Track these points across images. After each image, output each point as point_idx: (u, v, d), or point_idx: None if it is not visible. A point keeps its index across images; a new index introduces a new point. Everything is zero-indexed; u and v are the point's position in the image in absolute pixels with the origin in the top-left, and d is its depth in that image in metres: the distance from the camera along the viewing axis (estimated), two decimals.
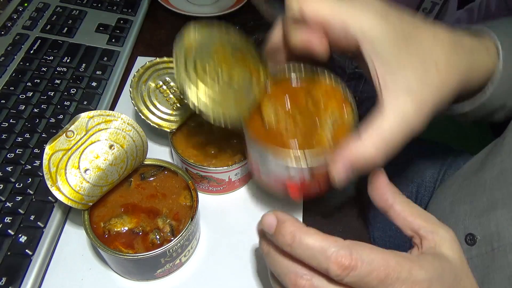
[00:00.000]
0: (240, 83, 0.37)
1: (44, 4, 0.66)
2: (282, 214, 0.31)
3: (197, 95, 0.34)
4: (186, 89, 0.34)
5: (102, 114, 0.40)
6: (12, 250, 0.40)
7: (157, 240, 0.39)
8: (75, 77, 0.56)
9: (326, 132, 0.36)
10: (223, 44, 0.38)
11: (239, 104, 0.36)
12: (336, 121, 0.36)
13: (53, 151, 0.37)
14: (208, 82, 0.35)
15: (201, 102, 0.34)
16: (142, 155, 0.42)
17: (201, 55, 0.37)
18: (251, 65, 0.39)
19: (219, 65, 0.37)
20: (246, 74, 0.38)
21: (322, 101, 0.37)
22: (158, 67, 0.49)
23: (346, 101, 0.37)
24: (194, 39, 0.37)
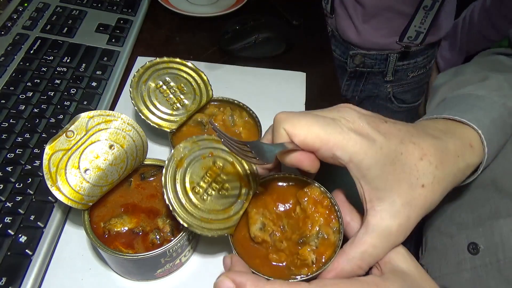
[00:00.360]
0: (229, 196, 0.39)
1: (44, 4, 0.66)
2: (239, 275, 0.31)
3: (186, 216, 0.36)
4: (174, 208, 0.35)
5: (102, 114, 0.40)
6: (12, 250, 0.40)
7: (157, 240, 0.39)
8: (75, 77, 0.56)
9: (311, 248, 0.37)
10: (214, 159, 0.40)
11: (225, 219, 0.37)
12: (322, 237, 0.37)
13: (53, 151, 0.37)
14: (196, 202, 0.37)
15: (189, 223, 0.36)
16: (142, 155, 0.42)
17: (191, 171, 0.38)
18: (241, 177, 0.40)
19: (207, 181, 0.38)
20: (235, 186, 0.39)
21: (310, 213, 0.38)
22: (158, 67, 0.49)
23: (333, 214, 0.38)
24: (185, 155, 0.39)
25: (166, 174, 0.37)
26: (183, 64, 0.50)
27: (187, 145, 0.40)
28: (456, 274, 0.45)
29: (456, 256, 0.46)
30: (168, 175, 0.37)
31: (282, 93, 0.61)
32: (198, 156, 0.39)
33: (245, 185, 0.40)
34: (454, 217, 0.49)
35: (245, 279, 0.30)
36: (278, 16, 0.75)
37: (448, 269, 0.46)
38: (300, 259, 0.36)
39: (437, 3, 0.83)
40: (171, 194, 0.36)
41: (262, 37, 0.65)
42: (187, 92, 0.49)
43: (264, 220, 0.39)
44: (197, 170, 0.39)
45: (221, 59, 0.65)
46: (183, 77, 0.50)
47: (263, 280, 0.30)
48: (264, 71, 0.64)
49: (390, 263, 0.34)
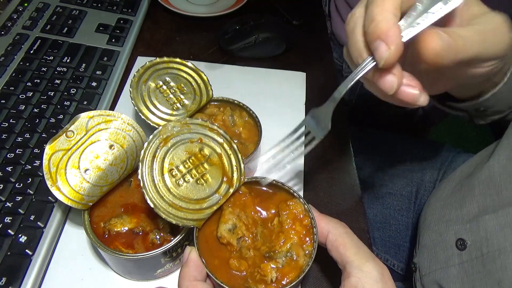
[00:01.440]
0: (205, 189, 0.37)
1: (44, 4, 0.66)
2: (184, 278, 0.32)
3: (154, 195, 0.35)
4: (145, 185, 0.34)
5: (102, 114, 0.40)
6: (12, 250, 0.40)
7: (157, 240, 0.39)
8: (75, 77, 0.56)
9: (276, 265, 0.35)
10: (202, 146, 0.38)
11: (196, 210, 0.36)
12: (291, 256, 0.36)
13: (53, 151, 0.37)
14: (171, 183, 0.36)
15: (155, 203, 0.34)
16: None
17: (174, 153, 0.37)
18: (225, 171, 0.39)
19: (188, 167, 0.37)
20: (216, 179, 0.38)
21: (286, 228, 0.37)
22: (158, 67, 0.49)
23: (310, 236, 0.37)
24: (172, 135, 0.37)
25: (146, 148, 0.36)
26: (183, 64, 0.50)
27: (177, 125, 0.38)
28: (444, 270, 0.46)
29: (445, 252, 0.47)
30: (148, 150, 0.36)
31: (282, 93, 0.61)
32: (185, 139, 0.38)
33: (228, 181, 0.38)
34: (444, 214, 0.49)
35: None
36: (278, 16, 0.75)
37: (438, 265, 0.47)
38: (260, 273, 0.35)
39: None
40: (145, 170, 0.35)
41: (262, 37, 0.65)
42: (187, 92, 0.49)
43: (237, 222, 0.37)
44: (180, 153, 0.37)
45: (221, 59, 0.65)
46: (183, 77, 0.50)
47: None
48: (264, 71, 0.64)
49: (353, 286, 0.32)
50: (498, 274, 0.39)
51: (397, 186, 0.69)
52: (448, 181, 0.54)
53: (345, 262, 0.34)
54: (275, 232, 0.37)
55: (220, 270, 0.35)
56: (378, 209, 0.68)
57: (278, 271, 0.35)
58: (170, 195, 0.35)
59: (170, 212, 0.35)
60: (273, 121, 0.55)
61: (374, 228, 0.67)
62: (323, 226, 0.36)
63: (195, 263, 0.34)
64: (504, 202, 0.42)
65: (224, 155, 0.39)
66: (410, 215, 0.66)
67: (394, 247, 0.65)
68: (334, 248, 0.35)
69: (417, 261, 0.51)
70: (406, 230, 0.66)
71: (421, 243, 0.52)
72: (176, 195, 0.36)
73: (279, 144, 0.38)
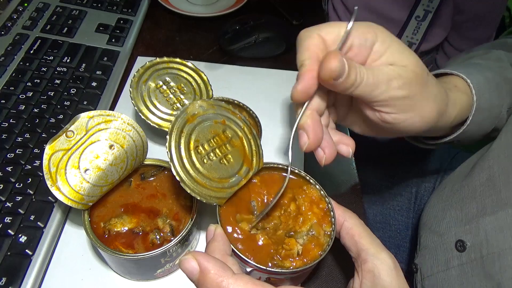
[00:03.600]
0: (227, 169, 0.38)
1: (44, 4, 0.66)
2: (205, 259, 0.29)
3: (180, 170, 0.35)
4: (173, 161, 0.35)
5: (102, 114, 0.40)
6: (12, 250, 0.40)
7: (157, 240, 0.39)
8: (75, 77, 0.56)
9: (298, 241, 0.36)
10: (225, 128, 0.39)
11: (219, 189, 0.37)
12: (312, 235, 0.36)
13: (53, 151, 0.37)
14: (195, 161, 0.36)
15: (182, 177, 0.35)
16: (142, 155, 0.42)
17: (199, 130, 0.38)
18: (246, 154, 0.40)
19: (212, 146, 0.38)
20: (237, 161, 0.39)
21: (304, 211, 0.38)
22: (158, 67, 0.49)
23: (328, 218, 0.37)
24: (199, 113, 0.38)
25: (175, 122, 0.37)
26: (183, 64, 0.50)
27: (203, 104, 0.39)
28: (444, 272, 0.46)
29: (445, 253, 0.46)
30: (176, 124, 0.37)
31: (282, 93, 0.61)
32: (210, 119, 0.39)
33: (247, 163, 0.39)
34: (444, 215, 0.49)
35: (211, 266, 0.28)
36: (278, 16, 0.75)
37: (438, 267, 0.47)
38: (286, 248, 0.35)
39: (429, 14, 0.81)
40: (173, 144, 0.36)
41: (262, 37, 0.65)
42: (187, 92, 0.49)
43: (256, 204, 0.38)
44: (205, 132, 0.38)
45: (221, 59, 0.65)
46: (183, 77, 0.50)
47: (229, 272, 0.28)
48: (264, 71, 0.64)
49: (372, 273, 0.33)
50: (497, 276, 0.39)
51: (397, 186, 0.69)
52: (448, 181, 0.54)
53: (360, 249, 0.34)
54: (293, 217, 0.38)
55: (244, 248, 0.35)
56: (378, 209, 0.68)
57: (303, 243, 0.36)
58: (195, 171, 0.36)
59: (195, 188, 0.35)
60: (273, 121, 0.55)
61: (374, 228, 0.67)
62: (339, 214, 0.37)
63: (223, 238, 0.33)
64: (503, 203, 0.42)
65: (244, 138, 0.40)
66: (410, 215, 0.66)
67: (394, 248, 0.65)
68: (349, 236, 0.36)
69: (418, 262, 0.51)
70: (406, 231, 0.66)
71: (422, 244, 0.52)
72: (200, 172, 0.36)
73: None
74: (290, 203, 0.39)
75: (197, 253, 0.29)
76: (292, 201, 0.39)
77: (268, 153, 0.53)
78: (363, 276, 0.34)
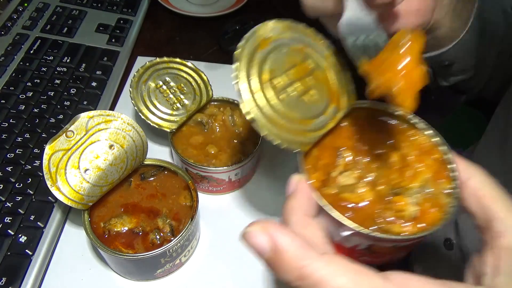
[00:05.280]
0: (310, 108, 0.30)
1: (44, 4, 0.66)
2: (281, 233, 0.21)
3: (252, 106, 0.28)
4: (243, 95, 0.28)
5: (102, 114, 0.40)
6: (12, 250, 0.40)
7: (157, 240, 0.39)
8: (75, 77, 0.56)
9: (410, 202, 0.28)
10: (305, 56, 0.31)
11: (301, 132, 0.29)
12: (427, 193, 0.28)
13: (53, 151, 0.37)
14: (271, 93, 0.29)
15: (254, 115, 0.28)
16: (142, 155, 0.42)
17: (274, 58, 0.30)
18: (332, 90, 0.31)
19: (290, 78, 0.30)
20: (322, 98, 0.31)
21: (412, 162, 0.29)
22: (158, 67, 0.49)
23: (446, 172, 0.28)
24: (272, 37, 0.30)
25: (243, 47, 0.29)
26: (183, 64, 0.50)
27: (278, 26, 0.31)
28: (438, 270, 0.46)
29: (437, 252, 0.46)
30: (245, 50, 0.29)
31: None
32: (286, 45, 0.30)
33: (335, 101, 0.31)
34: None
35: (289, 244, 0.20)
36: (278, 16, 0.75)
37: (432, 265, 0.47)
38: (395, 208, 0.27)
39: None
40: (242, 73, 0.28)
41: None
42: (187, 92, 0.49)
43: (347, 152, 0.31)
44: (281, 61, 0.30)
45: (221, 59, 0.65)
46: (183, 77, 0.50)
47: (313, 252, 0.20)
48: None
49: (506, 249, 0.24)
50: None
51: None
52: None
53: (492, 218, 0.25)
54: (396, 169, 0.30)
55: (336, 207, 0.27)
56: None
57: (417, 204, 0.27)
58: (271, 109, 0.28)
59: (271, 130, 0.28)
60: None
61: None
62: (461, 168, 0.28)
63: (306, 194, 0.26)
64: None
65: (330, 71, 0.32)
66: None
67: None
68: (476, 198, 0.26)
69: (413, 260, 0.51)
70: None
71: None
72: (277, 110, 0.28)
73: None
74: (390, 153, 0.30)
75: (268, 224, 0.21)
76: (394, 150, 0.30)
77: (268, 153, 0.53)
78: (499, 255, 0.24)
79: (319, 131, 0.30)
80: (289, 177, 0.27)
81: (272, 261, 0.21)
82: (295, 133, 0.29)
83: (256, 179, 0.51)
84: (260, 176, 0.51)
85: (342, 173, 0.30)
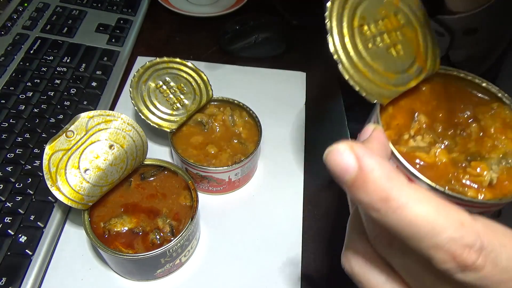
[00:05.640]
0: (396, 62, 0.30)
1: (44, 4, 0.66)
2: (366, 154, 0.19)
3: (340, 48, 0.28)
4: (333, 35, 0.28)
5: (102, 114, 0.40)
6: (12, 250, 0.40)
7: (157, 240, 0.39)
8: (75, 77, 0.56)
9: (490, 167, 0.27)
10: (397, 10, 0.31)
11: (382, 84, 0.29)
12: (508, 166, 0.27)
13: (53, 151, 0.37)
14: (359, 40, 0.29)
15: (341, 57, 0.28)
16: (142, 155, 0.42)
17: (366, 9, 0.30)
18: (419, 49, 0.31)
19: (380, 28, 0.30)
20: (408, 55, 0.31)
21: (493, 133, 0.29)
22: (158, 67, 0.49)
23: None
24: None
25: None
26: (183, 64, 0.50)
27: None
28: None
29: None
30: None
31: (282, 93, 0.61)
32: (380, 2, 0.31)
33: (421, 62, 0.31)
34: None
35: (377, 164, 0.19)
36: (278, 16, 0.75)
37: None
38: (472, 173, 0.26)
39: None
40: (335, 13, 0.28)
41: (262, 37, 0.65)
42: (187, 92, 0.49)
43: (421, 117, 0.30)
44: (373, 9, 0.30)
45: (221, 59, 0.65)
46: (183, 77, 0.50)
47: (402, 177, 0.19)
48: (264, 71, 0.64)
49: None
50: None
51: None
52: None
53: None
54: (475, 139, 0.30)
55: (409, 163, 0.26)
56: None
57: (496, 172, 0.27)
58: (357, 55, 0.29)
59: (354, 75, 0.28)
60: (273, 121, 0.55)
61: None
62: None
63: (381, 142, 0.24)
64: None
65: (420, 30, 0.32)
66: None
67: None
68: None
69: None
70: None
71: None
72: (363, 57, 0.29)
73: None
74: (469, 123, 0.30)
75: (355, 144, 0.19)
76: (475, 121, 0.30)
77: (268, 153, 0.53)
78: None
79: (400, 87, 0.30)
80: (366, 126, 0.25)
81: (355, 180, 0.19)
82: (376, 84, 0.29)
83: (256, 179, 0.51)
84: (260, 176, 0.51)
85: (415, 137, 0.30)
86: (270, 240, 0.45)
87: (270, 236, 0.46)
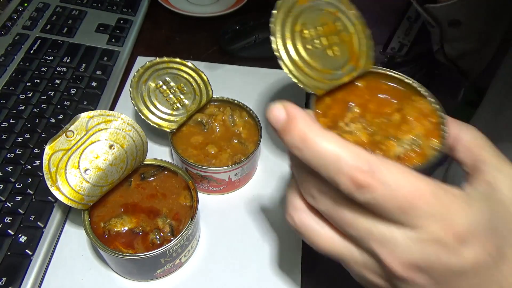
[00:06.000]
0: (331, 61, 0.35)
1: (44, 4, 0.66)
2: (293, 108, 0.26)
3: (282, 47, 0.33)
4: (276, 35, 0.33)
5: (102, 114, 0.40)
6: (12, 250, 0.40)
7: (157, 240, 0.39)
8: (75, 77, 0.56)
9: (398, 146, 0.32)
10: (336, 19, 0.36)
11: (318, 78, 0.34)
12: (417, 145, 0.32)
13: (53, 151, 0.37)
14: (299, 42, 0.34)
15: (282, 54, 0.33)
16: (142, 155, 0.42)
17: (308, 15, 0.35)
18: (353, 51, 0.36)
19: (319, 33, 0.35)
20: (343, 56, 0.36)
21: (410, 120, 0.34)
22: (158, 67, 0.49)
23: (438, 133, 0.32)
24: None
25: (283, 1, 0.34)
26: (183, 64, 0.50)
27: None
28: None
29: None
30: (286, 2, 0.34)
31: (282, 93, 0.61)
32: (322, 5, 0.36)
33: (354, 61, 0.36)
34: None
35: (300, 115, 0.25)
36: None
37: None
38: (382, 149, 0.31)
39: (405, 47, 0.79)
40: (278, 21, 0.34)
41: (262, 37, 0.65)
42: (187, 92, 0.49)
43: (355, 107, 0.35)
44: (314, 17, 0.35)
45: (221, 59, 0.65)
46: (183, 77, 0.50)
47: (318, 125, 0.25)
48: (264, 71, 0.64)
49: (489, 184, 0.26)
50: None
51: None
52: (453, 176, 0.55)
53: (479, 161, 0.28)
54: (395, 125, 0.34)
55: None
56: None
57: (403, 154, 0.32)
58: (297, 54, 0.34)
59: (293, 70, 0.33)
60: None
61: None
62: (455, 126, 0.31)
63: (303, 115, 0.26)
64: None
65: (355, 36, 0.37)
66: None
67: None
68: (466, 148, 0.29)
69: None
70: None
71: None
72: (302, 56, 0.34)
73: None
74: (393, 113, 0.35)
75: (287, 102, 0.26)
76: (398, 112, 0.35)
77: (268, 153, 0.53)
78: (477, 184, 0.26)
79: (334, 81, 0.35)
80: None
81: (282, 129, 0.25)
82: (313, 78, 0.34)
83: (256, 179, 0.51)
84: (260, 176, 0.51)
85: (349, 124, 0.34)
86: (270, 240, 0.45)
87: (270, 236, 0.46)
